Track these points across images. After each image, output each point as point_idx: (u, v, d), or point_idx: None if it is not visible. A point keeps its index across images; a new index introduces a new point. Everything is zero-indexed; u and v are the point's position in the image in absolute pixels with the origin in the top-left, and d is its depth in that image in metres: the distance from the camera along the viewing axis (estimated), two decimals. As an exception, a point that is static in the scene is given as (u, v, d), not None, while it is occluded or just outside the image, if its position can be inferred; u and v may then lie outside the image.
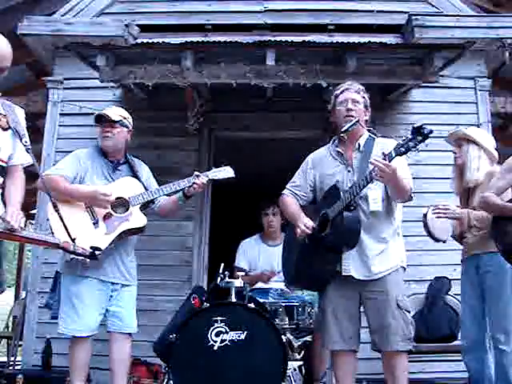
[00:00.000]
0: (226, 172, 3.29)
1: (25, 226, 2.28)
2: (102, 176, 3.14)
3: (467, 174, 3.12)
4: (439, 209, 3.03)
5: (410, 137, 2.48)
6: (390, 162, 2.51)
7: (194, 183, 3.15)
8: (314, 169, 2.99)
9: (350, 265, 2.78)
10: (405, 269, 2.90)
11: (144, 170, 3.30)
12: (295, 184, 3.02)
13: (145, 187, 3.18)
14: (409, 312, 2.79)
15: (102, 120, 3.16)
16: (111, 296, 3.08)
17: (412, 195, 2.79)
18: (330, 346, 2.85)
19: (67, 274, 3.06)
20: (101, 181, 3.12)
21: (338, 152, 2.93)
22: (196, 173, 3.21)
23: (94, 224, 3.01)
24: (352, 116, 2.82)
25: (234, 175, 3.29)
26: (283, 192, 3.05)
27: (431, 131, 2.46)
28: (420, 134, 2.46)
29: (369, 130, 2.96)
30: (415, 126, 2.49)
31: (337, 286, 2.83)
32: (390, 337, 2.71)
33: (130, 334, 3.11)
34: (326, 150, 3.02)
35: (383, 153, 2.55)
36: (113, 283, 3.07)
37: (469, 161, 3.13)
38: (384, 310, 2.73)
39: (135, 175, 3.21)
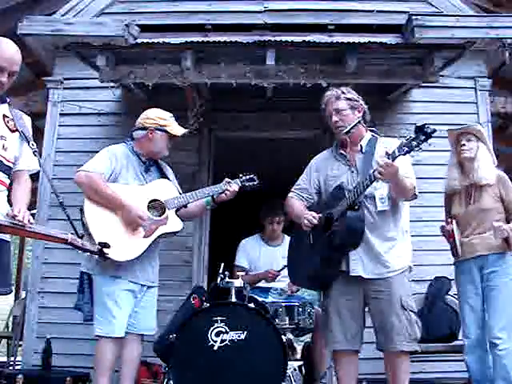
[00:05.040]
0: (253, 181, 3.37)
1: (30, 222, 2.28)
2: (135, 176, 3.13)
3: (479, 171, 3.09)
4: (500, 231, 2.96)
5: (413, 136, 2.50)
6: (393, 161, 2.53)
7: (226, 190, 3.20)
8: (318, 172, 3.03)
9: (358, 265, 2.79)
10: (411, 268, 2.91)
11: (169, 172, 3.33)
12: (300, 187, 3.07)
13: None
14: (414, 312, 2.79)
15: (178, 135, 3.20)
16: (137, 297, 3.07)
17: (416, 194, 2.82)
18: (333, 345, 2.85)
19: (98, 274, 3.01)
20: (134, 180, 3.11)
21: (341, 154, 2.96)
22: (227, 179, 3.27)
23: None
24: (340, 127, 2.87)
25: (259, 185, 3.36)
26: (289, 195, 3.09)
27: (434, 130, 2.48)
28: (423, 133, 2.48)
29: (371, 131, 2.98)
30: (418, 125, 2.51)
31: (341, 286, 2.84)
32: (395, 337, 2.71)
33: (142, 335, 3.12)
34: (330, 152, 3.06)
35: (386, 152, 2.57)
36: (142, 285, 3.08)
37: (481, 157, 3.12)
38: (388, 310, 2.74)
39: (165, 176, 3.24)
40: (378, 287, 2.78)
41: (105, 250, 2.45)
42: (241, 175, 3.36)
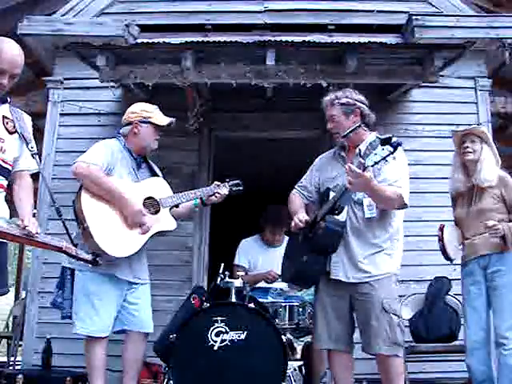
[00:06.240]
0: (239, 186, 3.42)
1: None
2: (128, 171, 3.12)
3: (481, 173, 3.08)
4: (494, 230, 2.94)
5: (380, 149, 2.44)
6: (363, 171, 2.50)
7: (216, 193, 3.24)
8: (319, 171, 3.06)
9: (339, 268, 2.80)
10: (397, 275, 2.87)
11: (158, 170, 3.33)
12: (302, 184, 3.12)
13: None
14: (397, 316, 2.76)
15: (165, 126, 3.20)
16: (126, 295, 3.05)
17: (406, 203, 2.76)
18: (318, 344, 2.89)
19: (85, 270, 2.91)
20: (128, 175, 3.10)
21: (341, 156, 2.96)
22: (216, 182, 3.31)
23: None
24: (335, 133, 2.90)
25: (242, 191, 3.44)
26: (292, 191, 3.13)
27: (399, 144, 2.43)
28: (390, 145, 2.42)
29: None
30: (382, 137, 2.46)
31: (327, 286, 2.86)
32: (372, 340, 2.71)
33: (147, 334, 3.10)
34: (332, 153, 3.07)
35: (360, 161, 2.53)
36: (129, 282, 3.05)
37: (484, 159, 3.11)
38: (368, 312, 2.74)
39: (155, 174, 3.25)
40: (361, 289, 2.78)
41: (98, 259, 2.47)
42: (228, 179, 3.40)
